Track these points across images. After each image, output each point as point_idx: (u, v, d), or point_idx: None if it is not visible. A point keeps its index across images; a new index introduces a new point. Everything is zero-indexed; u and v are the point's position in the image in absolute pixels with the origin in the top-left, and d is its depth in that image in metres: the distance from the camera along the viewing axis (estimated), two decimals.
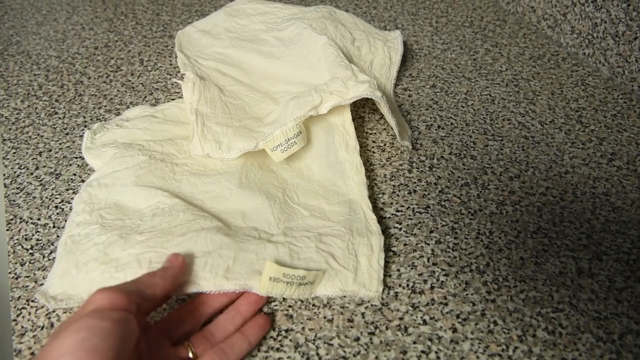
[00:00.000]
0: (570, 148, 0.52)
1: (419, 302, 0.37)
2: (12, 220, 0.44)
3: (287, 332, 0.35)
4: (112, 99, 0.59)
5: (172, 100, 0.56)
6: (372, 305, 0.37)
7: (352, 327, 0.36)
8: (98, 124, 0.51)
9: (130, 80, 0.63)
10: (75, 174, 0.49)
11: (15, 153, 0.52)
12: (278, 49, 0.59)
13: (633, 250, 0.41)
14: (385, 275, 0.39)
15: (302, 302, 0.37)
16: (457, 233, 0.43)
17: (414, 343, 0.35)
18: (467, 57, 0.67)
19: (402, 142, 0.50)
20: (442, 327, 0.36)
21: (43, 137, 0.54)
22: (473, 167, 0.49)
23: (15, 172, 0.49)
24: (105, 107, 0.58)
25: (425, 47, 0.70)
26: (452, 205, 0.45)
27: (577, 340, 0.35)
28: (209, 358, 0.31)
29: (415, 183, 0.48)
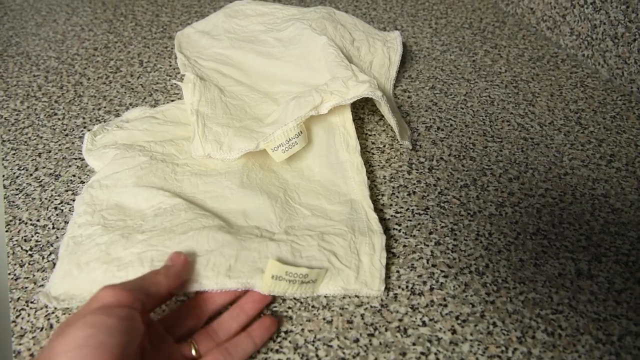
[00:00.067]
0: (570, 149, 0.52)
1: (419, 303, 0.37)
2: (11, 222, 0.44)
3: (286, 333, 0.35)
4: (111, 100, 0.59)
5: (172, 102, 0.56)
6: (371, 307, 0.37)
7: (351, 328, 0.36)
8: (98, 126, 0.51)
9: (130, 82, 0.63)
10: (75, 175, 0.49)
11: (15, 154, 0.52)
12: (277, 50, 0.59)
13: (632, 252, 0.41)
14: (385, 277, 0.39)
15: (301, 303, 0.37)
16: (456, 234, 0.43)
17: (414, 344, 0.35)
18: (466, 58, 0.67)
19: (402, 142, 0.50)
20: (441, 328, 0.36)
21: (42, 138, 0.54)
22: (472, 168, 0.49)
23: (15, 173, 0.49)
24: (105, 108, 0.58)
25: (425, 48, 0.70)
26: (451, 207, 0.45)
27: (576, 342, 0.35)
28: (213, 357, 0.31)
29: (415, 184, 0.48)
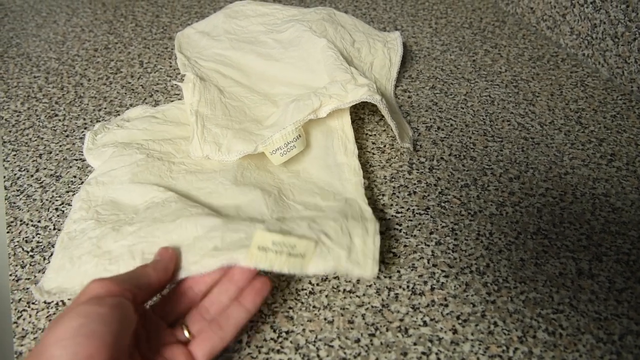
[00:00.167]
0: (570, 149, 0.52)
1: (419, 303, 0.37)
2: (12, 223, 0.44)
3: (287, 333, 0.35)
4: (112, 101, 0.59)
5: (172, 102, 0.57)
6: (372, 307, 0.37)
7: (352, 328, 0.36)
8: (99, 124, 0.51)
9: (130, 82, 0.63)
10: (76, 176, 0.49)
11: (16, 155, 0.52)
12: (277, 51, 0.59)
13: (633, 251, 0.41)
14: (386, 277, 0.39)
15: (302, 303, 0.37)
16: (457, 234, 0.43)
17: (415, 344, 0.35)
18: (466, 58, 0.67)
19: (402, 143, 0.50)
20: (442, 328, 0.36)
21: (43, 139, 0.54)
22: (473, 168, 0.49)
23: (16, 174, 0.49)
24: (105, 109, 0.58)
25: (425, 48, 0.70)
26: (452, 207, 0.45)
27: (577, 341, 0.35)
28: (205, 336, 0.31)
29: (415, 184, 0.48)
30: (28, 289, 0.38)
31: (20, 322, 0.36)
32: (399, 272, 0.40)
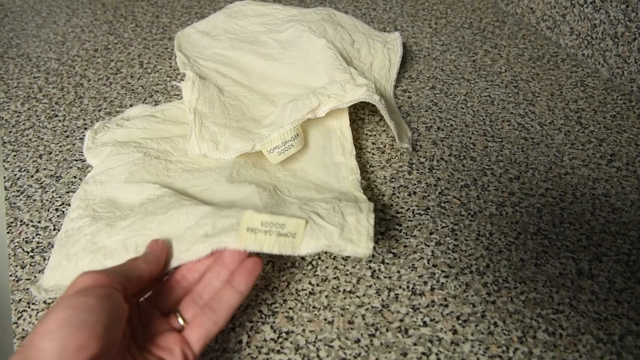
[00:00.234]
0: (570, 149, 0.52)
1: (419, 303, 0.37)
2: (12, 223, 0.44)
3: (287, 334, 0.35)
4: (112, 102, 0.59)
5: (172, 101, 0.57)
6: (372, 307, 0.37)
7: (352, 328, 0.36)
8: (99, 123, 0.51)
9: (130, 83, 0.63)
10: (76, 177, 0.49)
11: (16, 156, 0.52)
12: (277, 51, 0.59)
13: (633, 251, 0.41)
14: (386, 277, 0.39)
15: (302, 304, 0.37)
16: (457, 235, 0.43)
17: (415, 345, 0.35)
18: (466, 58, 0.67)
19: (401, 144, 0.50)
20: (442, 328, 0.36)
21: (43, 139, 0.54)
22: (473, 168, 0.49)
23: (16, 174, 0.49)
24: (105, 109, 0.58)
25: (425, 48, 0.70)
26: (452, 207, 0.45)
27: (577, 342, 0.35)
28: (199, 321, 0.31)
29: (415, 185, 0.48)
30: (28, 290, 0.38)
31: (21, 322, 0.36)
32: (399, 272, 0.40)
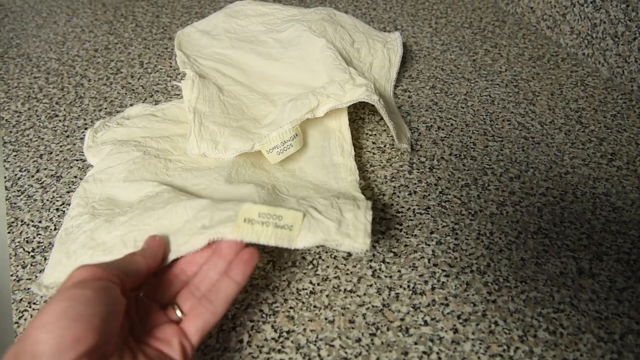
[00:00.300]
0: (570, 148, 0.52)
1: (420, 303, 0.37)
2: (13, 223, 0.44)
3: (288, 333, 0.35)
4: (112, 101, 0.59)
5: (172, 100, 0.57)
6: (373, 307, 0.37)
7: (353, 328, 0.36)
8: (100, 122, 0.51)
9: (131, 83, 0.63)
10: (76, 177, 0.49)
11: (16, 156, 0.52)
12: (277, 51, 0.59)
13: (633, 250, 0.41)
14: (386, 277, 0.39)
15: (302, 303, 0.37)
16: (457, 234, 0.43)
17: (415, 344, 0.35)
18: (466, 58, 0.67)
19: (400, 144, 0.50)
20: (443, 327, 0.36)
21: (44, 139, 0.54)
22: (473, 168, 0.49)
23: (16, 174, 0.49)
24: (106, 109, 0.58)
25: (425, 48, 0.70)
26: (452, 206, 0.45)
27: (578, 341, 0.35)
28: (197, 312, 0.31)
29: (416, 184, 0.48)
30: (29, 290, 0.39)
31: (22, 322, 0.36)
32: (400, 271, 0.40)
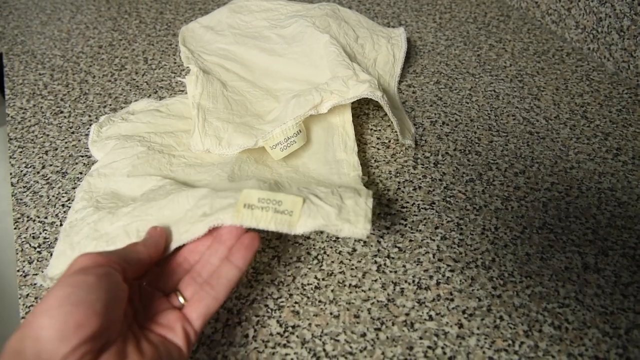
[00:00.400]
0: (576, 143, 0.52)
1: (425, 297, 0.37)
2: (19, 219, 0.44)
3: (293, 328, 0.36)
4: (116, 98, 0.59)
5: (177, 95, 0.57)
6: (378, 301, 0.37)
7: (358, 322, 0.36)
8: (105, 117, 0.51)
9: (135, 79, 0.63)
10: (82, 173, 0.49)
11: (22, 152, 0.52)
12: (281, 47, 0.59)
13: (639, 245, 0.41)
14: (391, 272, 0.39)
15: (307, 298, 0.37)
16: (462, 229, 0.43)
17: (420, 339, 0.35)
18: (471, 53, 0.67)
19: (403, 140, 0.50)
20: (448, 322, 0.36)
21: (49, 136, 0.54)
22: (478, 163, 0.49)
23: (22, 171, 0.50)
24: (110, 105, 0.58)
25: (429, 43, 0.70)
26: (457, 201, 0.45)
27: (583, 335, 0.35)
28: (198, 297, 0.31)
29: (420, 179, 0.48)
30: (36, 285, 0.39)
31: None
32: (405, 266, 0.40)
